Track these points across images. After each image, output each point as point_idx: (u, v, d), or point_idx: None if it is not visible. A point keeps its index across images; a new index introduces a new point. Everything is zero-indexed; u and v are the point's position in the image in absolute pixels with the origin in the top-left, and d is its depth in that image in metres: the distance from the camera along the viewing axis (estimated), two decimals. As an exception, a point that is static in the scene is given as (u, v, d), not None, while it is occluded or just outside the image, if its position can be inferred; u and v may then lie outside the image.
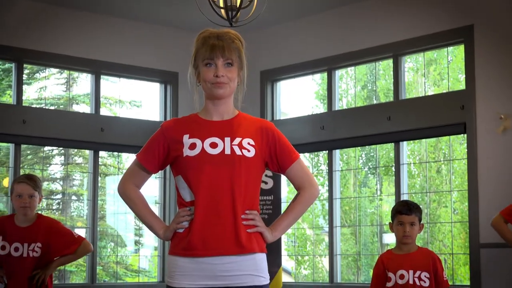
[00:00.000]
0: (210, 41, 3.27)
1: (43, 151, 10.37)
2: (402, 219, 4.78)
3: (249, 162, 3.17)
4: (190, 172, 3.15)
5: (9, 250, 4.90)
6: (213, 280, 3.10)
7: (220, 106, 3.28)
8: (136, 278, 10.60)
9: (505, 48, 8.27)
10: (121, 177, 3.40)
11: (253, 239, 3.16)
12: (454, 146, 9.08)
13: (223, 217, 3.11)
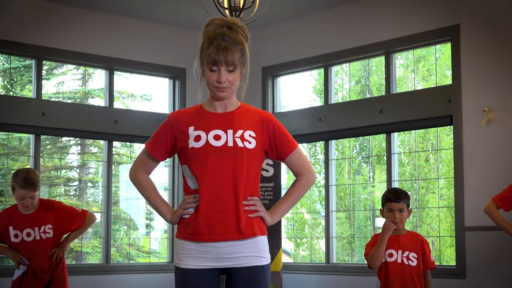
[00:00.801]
0: (216, 41, 3.22)
1: (61, 141, 10.36)
2: (391, 206, 4.78)
3: (250, 153, 3.16)
4: (195, 162, 3.14)
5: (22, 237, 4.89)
6: (217, 262, 3.11)
7: (223, 101, 3.27)
8: (147, 259, 10.61)
9: (489, 46, 8.25)
10: (132, 164, 3.39)
11: (254, 223, 3.16)
12: (441, 137, 9.06)
13: (225, 205, 3.10)
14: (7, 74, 9.92)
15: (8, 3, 9.05)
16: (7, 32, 9.00)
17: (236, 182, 3.12)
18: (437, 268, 5.42)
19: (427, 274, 4.77)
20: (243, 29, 3.26)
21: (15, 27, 9.08)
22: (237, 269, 3.12)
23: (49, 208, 5.03)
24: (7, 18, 9.03)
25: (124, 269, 9.88)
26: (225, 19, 3.25)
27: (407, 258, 4.68)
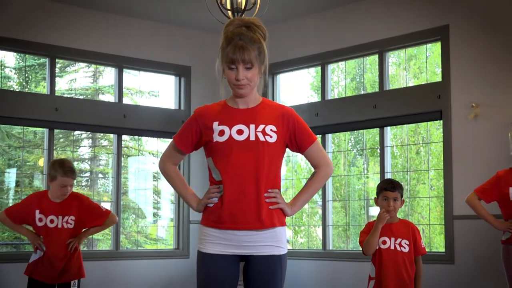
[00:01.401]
0: (234, 41, 3.17)
1: (73, 135, 10.37)
2: (386, 195, 4.78)
3: (271, 147, 3.16)
4: (219, 155, 3.15)
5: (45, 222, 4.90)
6: (238, 249, 3.11)
7: (245, 97, 3.27)
8: (155, 245, 10.63)
9: (476, 46, 8.25)
10: (161, 156, 3.39)
11: (274, 214, 3.16)
12: (431, 131, 9.07)
13: (247, 196, 3.11)
14: (23, 72, 9.93)
15: (23, 5, 9.05)
16: (22, 32, 9.01)
17: (258, 175, 3.12)
18: (427, 254, 5.42)
19: (418, 260, 4.78)
20: (261, 28, 3.25)
21: (29, 28, 9.08)
22: (255, 257, 3.13)
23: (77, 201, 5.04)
24: (22, 19, 9.03)
25: (133, 255, 9.91)
26: (244, 19, 3.23)
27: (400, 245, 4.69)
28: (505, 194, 5.09)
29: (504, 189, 5.10)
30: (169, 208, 10.65)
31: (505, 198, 5.09)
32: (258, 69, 3.22)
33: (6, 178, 9.88)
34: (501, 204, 5.16)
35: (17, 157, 9.97)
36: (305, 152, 3.30)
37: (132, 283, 9.66)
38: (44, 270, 4.85)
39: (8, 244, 10.17)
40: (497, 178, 5.21)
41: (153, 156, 10.61)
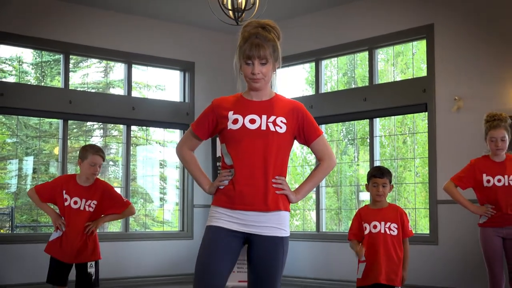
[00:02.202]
0: (251, 39, 3.20)
1: (86, 125, 10.38)
2: (376, 181, 4.78)
3: (280, 137, 3.18)
4: (231, 142, 3.17)
5: (69, 203, 4.89)
6: (243, 227, 3.12)
7: (259, 91, 3.28)
8: (161, 228, 10.65)
9: (459, 43, 8.25)
10: (178, 141, 3.40)
11: (280, 199, 3.17)
12: (417, 122, 9.07)
13: (256, 180, 3.12)
14: (39, 67, 9.92)
15: (39, 5, 9.04)
16: (39, 31, 9.01)
17: (266, 161, 3.13)
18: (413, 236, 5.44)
19: (405, 241, 4.78)
20: (275, 29, 3.27)
21: (45, 26, 9.08)
22: (259, 237, 3.13)
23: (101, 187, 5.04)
24: (38, 18, 9.02)
25: (141, 236, 9.93)
26: (260, 21, 3.26)
27: (389, 228, 4.69)
28: (479, 181, 5.08)
29: (478, 176, 5.09)
30: (174, 193, 10.67)
31: (479, 184, 5.09)
32: (272, 65, 3.26)
33: (24, 166, 9.89)
34: (476, 190, 5.16)
35: (34, 146, 9.98)
36: (311, 145, 3.32)
37: (140, 262, 9.69)
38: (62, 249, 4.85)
39: (26, 226, 10.20)
40: (471, 166, 5.21)
41: (159, 145, 10.62)
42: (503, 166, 5.03)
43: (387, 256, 4.65)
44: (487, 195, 5.05)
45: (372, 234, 4.71)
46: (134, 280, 9.59)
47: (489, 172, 5.05)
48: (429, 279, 8.06)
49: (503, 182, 5.00)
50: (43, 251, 5.20)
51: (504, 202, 4.98)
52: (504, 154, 5.09)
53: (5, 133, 9.60)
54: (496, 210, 5.00)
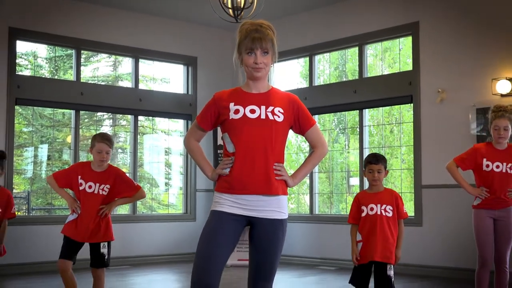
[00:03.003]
0: (251, 34, 3.19)
1: (96, 115, 10.37)
2: (371, 168, 4.75)
3: (278, 125, 3.17)
4: (233, 131, 3.16)
5: (84, 187, 4.89)
6: (245, 211, 3.11)
7: (258, 83, 3.26)
8: (166, 210, 10.66)
9: (442, 39, 8.25)
10: (186, 133, 3.39)
11: (279, 184, 3.16)
12: (403, 113, 9.08)
13: (256, 165, 3.11)
14: (53, 62, 9.91)
15: (53, 4, 9.02)
16: (52, 28, 9.00)
17: (266, 148, 3.13)
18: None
19: (400, 223, 4.76)
20: (271, 27, 3.27)
21: (58, 23, 9.06)
22: (260, 219, 3.12)
23: (114, 173, 5.03)
24: (52, 16, 9.01)
25: (148, 218, 9.95)
26: (255, 22, 3.25)
27: (384, 210, 4.66)
28: (479, 164, 5.10)
29: (479, 160, 5.10)
30: (178, 178, 10.68)
31: (478, 168, 5.11)
32: (271, 57, 3.25)
33: (39, 153, 9.90)
34: (476, 172, 5.17)
35: (48, 135, 9.97)
36: (306, 133, 3.32)
37: (147, 242, 9.71)
38: (77, 229, 4.85)
39: (41, 209, 10.20)
40: (474, 150, 5.22)
41: (164, 134, 10.62)
42: (504, 154, 5.05)
43: (383, 236, 4.64)
44: (484, 179, 5.07)
45: (369, 216, 4.70)
46: (141, 259, 9.61)
47: (490, 158, 5.06)
48: (414, 257, 8.09)
49: (501, 168, 5.02)
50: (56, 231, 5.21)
51: (498, 187, 5.00)
52: (506, 143, 5.10)
53: (22, 123, 9.59)
54: (490, 194, 5.01)
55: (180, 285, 7.52)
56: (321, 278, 7.93)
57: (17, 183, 9.59)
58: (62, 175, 5.03)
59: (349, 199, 9.71)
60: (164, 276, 8.24)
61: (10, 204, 5.30)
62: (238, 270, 8.27)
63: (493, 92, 7.66)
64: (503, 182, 5.02)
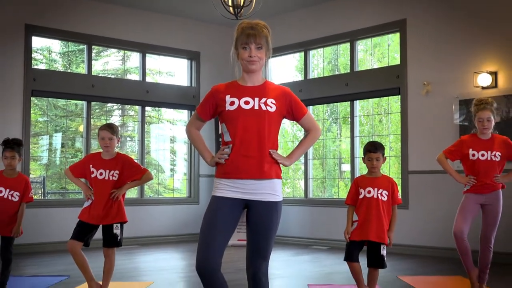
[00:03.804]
0: (246, 31, 3.21)
1: (106, 106, 10.36)
2: (370, 156, 4.75)
3: (271, 115, 3.17)
4: (229, 121, 3.16)
5: (96, 174, 4.90)
6: (242, 195, 3.11)
7: (253, 76, 3.26)
8: (171, 194, 10.67)
9: (428, 36, 8.24)
10: (187, 123, 3.39)
11: (272, 169, 3.17)
12: (391, 104, 9.07)
13: (251, 152, 3.12)
14: (66, 56, 9.89)
15: (66, 2, 9.00)
16: (65, 24, 8.98)
17: (260, 136, 3.13)
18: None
19: (394, 208, 4.76)
20: (266, 26, 3.29)
21: (71, 20, 9.04)
22: (256, 202, 3.13)
23: (122, 159, 5.03)
24: (65, 13, 8.99)
25: (154, 202, 9.96)
26: (251, 21, 3.26)
27: (380, 194, 4.66)
28: (466, 154, 5.12)
29: (465, 150, 5.12)
30: (183, 165, 10.68)
31: (465, 157, 5.12)
32: (265, 52, 3.25)
33: (53, 141, 9.90)
34: (463, 162, 5.19)
35: (62, 124, 9.97)
36: (300, 121, 3.33)
37: (153, 224, 9.73)
38: (91, 213, 4.86)
39: (56, 193, 10.21)
40: (460, 142, 5.24)
41: (170, 124, 10.62)
42: (488, 143, 5.07)
43: (378, 217, 4.65)
44: (472, 167, 5.10)
45: (366, 198, 4.70)
46: (149, 239, 9.63)
47: (475, 148, 5.09)
48: (401, 237, 8.10)
49: (486, 156, 5.05)
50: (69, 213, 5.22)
51: (484, 173, 5.03)
52: (489, 133, 5.11)
53: (37, 113, 9.58)
54: (478, 181, 5.04)
55: (185, 263, 7.55)
56: (314, 257, 7.95)
57: (33, 169, 9.60)
58: (77, 166, 5.06)
59: (341, 184, 9.72)
60: (170, 255, 8.26)
61: (27, 189, 5.33)
62: (238, 249, 8.29)
63: (474, 85, 7.66)
64: (489, 169, 5.05)
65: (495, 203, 5.07)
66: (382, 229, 4.65)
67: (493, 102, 5.12)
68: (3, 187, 5.24)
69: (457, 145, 5.24)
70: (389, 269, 6.70)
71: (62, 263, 7.24)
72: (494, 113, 5.11)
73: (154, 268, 7.01)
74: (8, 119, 8.43)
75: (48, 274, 6.42)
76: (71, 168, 5.05)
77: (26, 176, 5.49)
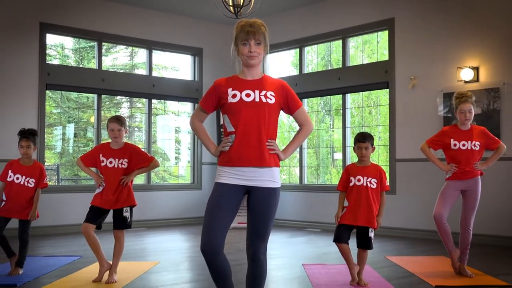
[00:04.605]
0: (246, 28, 3.18)
1: (116, 99, 10.34)
2: (360, 145, 4.75)
3: (270, 107, 3.16)
4: (231, 113, 3.14)
5: (105, 163, 4.90)
6: (243, 181, 3.11)
7: (252, 70, 3.25)
8: (176, 181, 10.68)
9: (414, 33, 8.23)
10: (191, 115, 3.37)
11: (271, 157, 3.15)
12: (380, 97, 9.07)
13: (252, 142, 3.10)
14: (78, 52, 9.86)
15: (78, 2, 8.97)
16: (77, 22, 8.96)
17: (260, 127, 3.11)
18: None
19: (382, 194, 4.77)
20: (263, 24, 3.27)
21: (83, 19, 9.02)
22: (256, 188, 3.12)
23: (130, 148, 5.02)
24: (77, 12, 8.96)
25: (160, 187, 9.97)
26: (250, 20, 3.24)
27: (370, 182, 4.66)
28: (447, 144, 5.13)
29: (447, 140, 5.13)
30: (186, 153, 10.68)
31: (447, 147, 5.13)
32: (263, 48, 3.23)
33: (66, 131, 9.89)
34: (445, 151, 5.20)
35: (74, 116, 9.96)
36: (294, 114, 3.31)
37: (159, 208, 9.75)
38: (103, 199, 4.86)
39: (69, 179, 10.22)
40: (442, 132, 5.24)
41: (174, 115, 10.61)
42: (468, 134, 5.09)
43: (367, 204, 4.66)
44: (453, 156, 5.11)
45: (356, 186, 4.70)
46: (155, 222, 9.66)
47: (456, 138, 5.10)
48: (389, 221, 8.14)
49: (466, 146, 5.07)
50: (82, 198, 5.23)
51: (465, 161, 5.05)
52: (469, 124, 5.13)
53: (52, 105, 9.57)
54: (459, 168, 5.06)
55: (189, 244, 7.57)
56: (308, 238, 7.98)
57: (48, 157, 9.59)
58: (87, 157, 5.05)
59: (333, 171, 9.73)
60: (174, 237, 8.28)
61: (42, 175, 5.34)
62: (239, 231, 8.32)
63: (457, 79, 7.66)
64: (469, 157, 5.08)
65: (475, 189, 5.09)
66: (371, 214, 4.67)
67: (472, 95, 5.14)
68: (19, 174, 5.26)
69: (439, 135, 5.24)
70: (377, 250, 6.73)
71: (75, 244, 7.26)
72: (474, 105, 5.15)
73: (160, 248, 7.03)
74: (25, 111, 8.43)
75: (62, 254, 6.44)
76: (82, 158, 5.05)
77: (41, 164, 5.50)
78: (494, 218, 7.25)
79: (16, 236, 5.26)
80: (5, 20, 8.34)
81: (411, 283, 4.85)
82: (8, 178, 5.24)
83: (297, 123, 3.36)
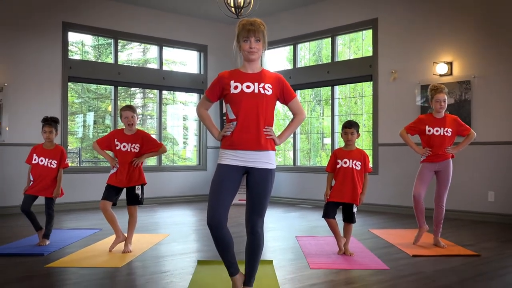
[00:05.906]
0: (247, 27, 3.16)
1: (130, 90, 10.30)
2: (346, 131, 4.74)
3: (268, 98, 3.14)
4: (233, 102, 3.13)
5: (120, 147, 4.89)
6: (243, 163, 3.10)
7: (252, 65, 3.23)
8: (184, 162, 10.67)
9: (396, 32, 8.19)
10: (197, 104, 3.36)
11: (268, 142, 3.15)
12: (365, 88, 9.04)
13: (251, 128, 3.10)
14: (96, 48, 9.80)
15: (97, 3, 8.91)
16: (96, 22, 8.90)
17: (258, 115, 3.11)
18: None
19: (366, 175, 4.77)
20: (262, 23, 3.25)
21: (101, 19, 8.97)
22: (254, 169, 3.12)
23: (142, 135, 5.02)
24: (96, 13, 8.91)
25: (170, 169, 9.97)
26: (250, 19, 3.22)
27: (355, 165, 4.66)
28: (423, 130, 5.14)
29: (422, 127, 5.14)
30: (193, 138, 10.67)
31: (423, 132, 5.14)
32: (262, 44, 3.21)
33: (87, 119, 9.87)
34: (421, 136, 5.21)
35: (94, 105, 9.93)
36: (289, 104, 3.30)
37: (169, 187, 9.76)
38: (117, 178, 4.86)
39: (89, 161, 10.22)
40: (419, 119, 5.25)
41: (183, 105, 10.58)
42: (441, 121, 5.10)
43: (352, 183, 4.66)
44: (427, 140, 5.13)
45: (342, 168, 4.70)
46: (166, 199, 9.67)
47: (431, 125, 5.11)
48: (372, 198, 8.16)
49: (439, 132, 5.08)
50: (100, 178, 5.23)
51: (438, 146, 5.07)
52: (443, 113, 5.13)
53: (73, 96, 9.53)
54: (433, 152, 5.07)
55: (195, 218, 7.58)
56: (301, 214, 8.00)
57: (71, 142, 9.58)
58: (103, 140, 5.04)
59: (323, 155, 9.73)
60: (182, 212, 8.30)
61: (63, 157, 5.35)
62: (239, 207, 8.33)
63: (433, 73, 7.64)
64: (442, 142, 5.09)
65: (447, 170, 5.11)
66: (356, 193, 4.68)
67: (445, 88, 5.16)
68: (43, 156, 5.27)
69: (416, 122, 5.25)
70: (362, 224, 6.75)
71: (95, 219, 7.27)
72: (448, 96, 5.16)
73: (170, 222, 7.05)
74: (49, 100, 8.40)
75: (84, 228, 6.46)
76: (98, 141, 5.04)
77: (61, 147, 5.49)
78: (465, 196, 7.27)
79: (43, 212, 5.29)
80: (31, 20, 8.29)
81: (391, 253, 4.87)
82: (33, 160, 5.26)
83: (291, 112, 3.35)
